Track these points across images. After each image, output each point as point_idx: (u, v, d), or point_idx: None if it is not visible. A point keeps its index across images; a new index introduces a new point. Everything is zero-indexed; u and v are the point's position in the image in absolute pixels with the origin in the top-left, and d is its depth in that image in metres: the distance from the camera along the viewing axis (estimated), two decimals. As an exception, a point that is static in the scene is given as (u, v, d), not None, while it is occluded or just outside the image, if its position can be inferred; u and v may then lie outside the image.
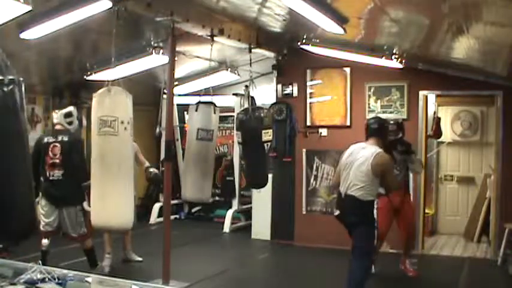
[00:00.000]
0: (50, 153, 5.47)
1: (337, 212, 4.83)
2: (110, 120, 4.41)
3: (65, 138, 5.52)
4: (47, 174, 5.50)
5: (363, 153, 4.60)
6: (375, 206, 4.75)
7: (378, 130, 4.78)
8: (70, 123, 5.66)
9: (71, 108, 5.75)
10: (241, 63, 8.09)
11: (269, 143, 6.45)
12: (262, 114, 6.29)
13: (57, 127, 5.70)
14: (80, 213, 5.61)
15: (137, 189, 6.80)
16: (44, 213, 5.54)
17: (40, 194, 5.54)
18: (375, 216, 4.76)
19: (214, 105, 6.22)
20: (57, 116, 5.74)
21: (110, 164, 4.46)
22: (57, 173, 5.48)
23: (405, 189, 6.19)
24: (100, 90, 4.55)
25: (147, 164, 6.50)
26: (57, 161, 5.47)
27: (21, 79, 3.15)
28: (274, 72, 8.10)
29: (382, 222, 5.86)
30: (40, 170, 5.49)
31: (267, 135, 6.27)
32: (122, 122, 4.44)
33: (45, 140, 5.58)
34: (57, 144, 5.50)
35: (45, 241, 5.51)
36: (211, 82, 8.10)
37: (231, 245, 8.37)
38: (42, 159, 5.50)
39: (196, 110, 6.14)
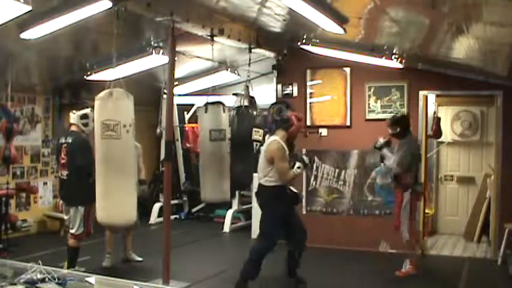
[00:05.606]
0: (62, 153, 5.72)
1: None
2: (112, 125, 4.46)
3: (70, 140, 5.72)
4: (59, 173, 5.85)
5: (266, 143, 5.09)
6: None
7: (279, 122, 5.21)
8: (85, 124, 5.77)
9: (86, 110, 5.84)
10: (241, 63, 8.08)
11: (258, 143, 6.42)
12: (255, 113, 6.28)
13: (72, 128, 5.87)
14: (79, 214, 5.63)
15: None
16: (63, 210, 5.97)
17: None
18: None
19: (223, 105, 6.21)
20: (73, 116, 5.91)
21: (114, 166, 4.58)
22: (64, 173, 5.72)
23: (401, 186, 6.09)
24: (102, 93, 4.55)
25: (142, 175, 6.64)
26: (64, 161, 5.70)
27: None
28: (274, 72, 8.09)
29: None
30: None
31: (257, 134, 6.26)
32: (124, 126, 4.52)
33: (60, 140, 5.86)
34: (65, 145, 5.72)
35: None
36: (211, 82, 8.11)
37: (231, 245, 8.37)
38: (58, 159, 5.88)
39: (206, 112, 6.12)
